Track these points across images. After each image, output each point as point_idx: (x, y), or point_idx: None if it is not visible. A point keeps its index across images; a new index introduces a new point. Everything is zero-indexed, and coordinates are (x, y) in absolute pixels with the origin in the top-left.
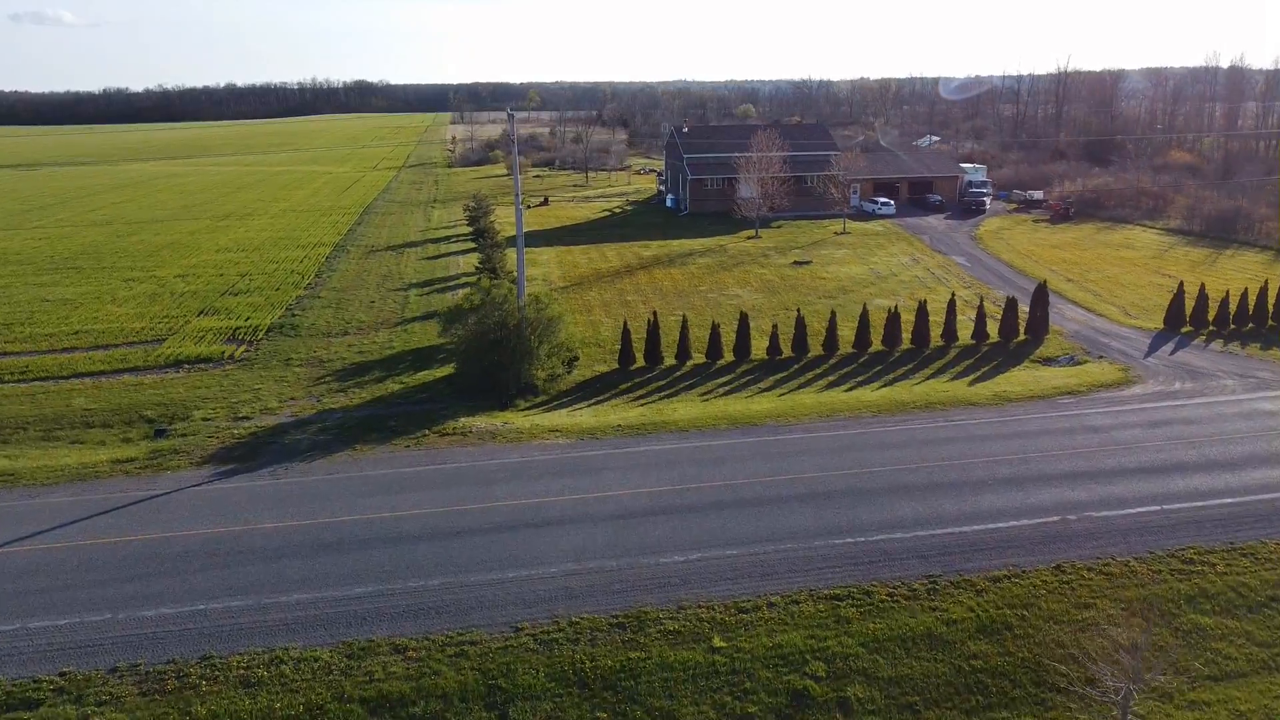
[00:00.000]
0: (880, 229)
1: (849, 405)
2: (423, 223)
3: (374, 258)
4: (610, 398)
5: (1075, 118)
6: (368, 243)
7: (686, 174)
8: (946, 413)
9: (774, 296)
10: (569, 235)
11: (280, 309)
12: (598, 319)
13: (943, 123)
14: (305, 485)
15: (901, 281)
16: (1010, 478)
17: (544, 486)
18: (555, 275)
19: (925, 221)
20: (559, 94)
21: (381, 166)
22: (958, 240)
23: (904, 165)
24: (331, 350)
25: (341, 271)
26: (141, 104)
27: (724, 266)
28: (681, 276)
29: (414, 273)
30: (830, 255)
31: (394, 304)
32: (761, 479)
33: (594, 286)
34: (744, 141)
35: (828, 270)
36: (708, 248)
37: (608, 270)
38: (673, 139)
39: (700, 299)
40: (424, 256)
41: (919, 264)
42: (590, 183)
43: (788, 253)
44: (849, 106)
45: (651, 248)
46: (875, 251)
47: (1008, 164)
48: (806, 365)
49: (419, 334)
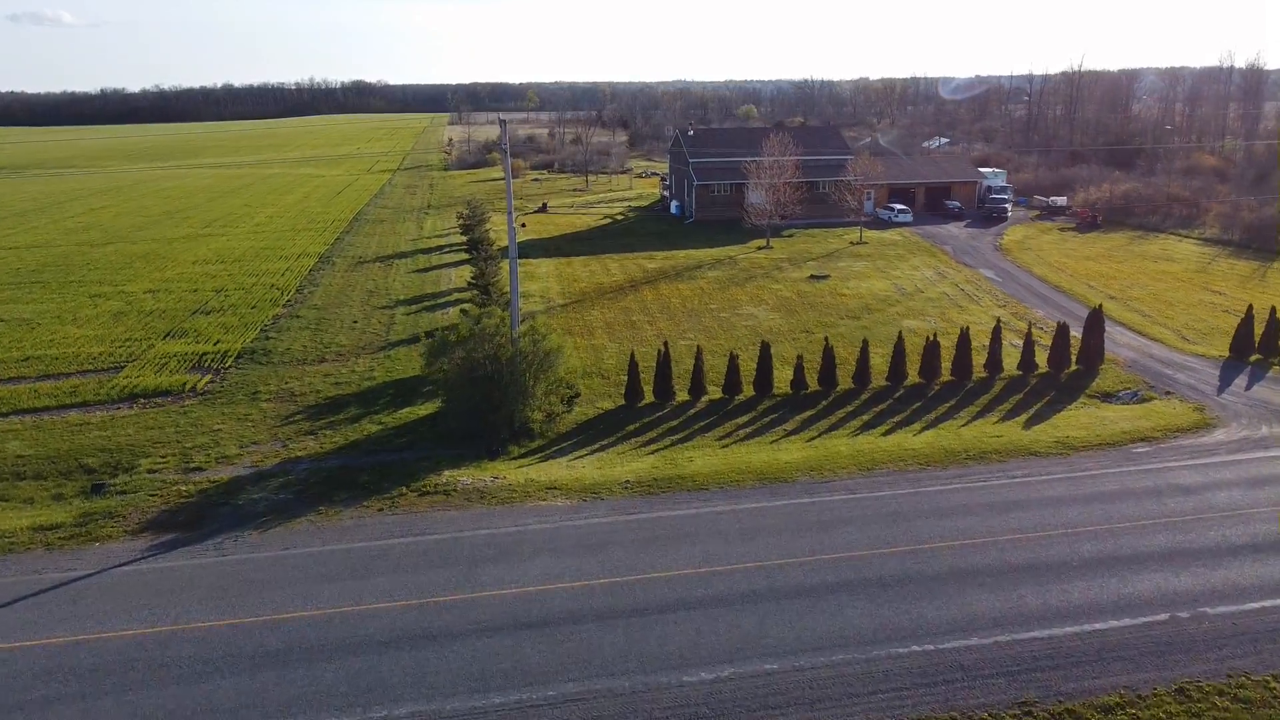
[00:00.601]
0: (899, 238)
1: (891, 455)
2: (415, 231)
3: (361, 270)
4: (616, 442)
5: (1088, 119)
6: (356, 253)
7: (692, 179)
8: (1005, 465)
9: (792, 316)
10: (569, 245)
11: (254, 331)
12: (600, 344)
13: (949, 124)
14: (254, 565)
15: (929, 299)
16: (1098, 557)
17: (539, 569)
18: (554, 291)
19: (945, 230)
20: (558, 94)
21: (376, 169)
22: (982, 251)
23: (920, 170)
24: (305, 381)
25: (325, 287)
26: (138, 104)
27: (735, 281)
28: (690, 292)
29: (402, 288)
30: (849, 268)
31: (378, 325)
32: (801, 560)
33: (596, 304)
34: (753, 145)
35: (848, 286)
36: (716, 259)
37: (611, 285)
38: (677, 142)
39: (712, 319)
40: (414, 269)
41: (945, 279)
42: (590, 187)
43: (803, 265)
44: (852, 107)
45: (657, 259)
46: (896, 264)
47: (1024, 168)
48: (836, 401)
49: (403, 361)
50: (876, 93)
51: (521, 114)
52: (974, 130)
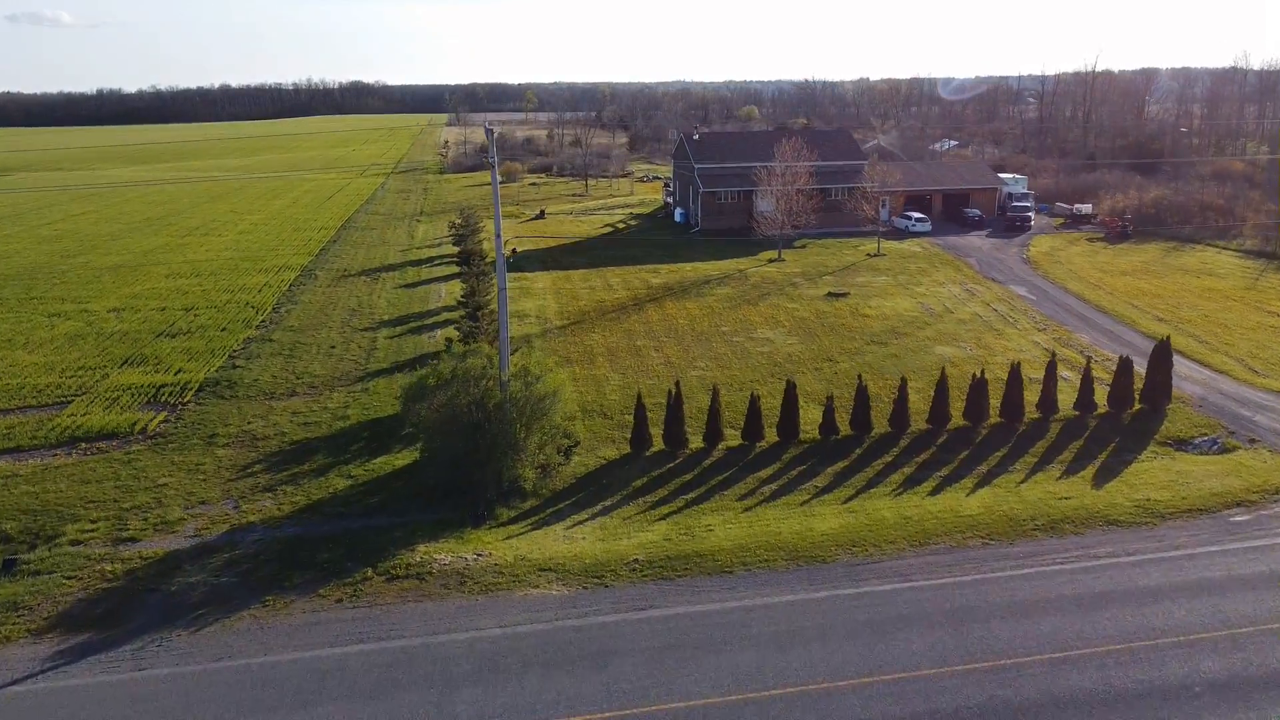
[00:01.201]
0: (918, 249)
1: (945, 524)
2: (405, 240)
3: (345, 285)
4: (622, 502)
5: (1102, 122)
6: (340, 265)
7: (698, 186)
8: (1083, 539)
9: (812, 341)
10: (567, 256)
11: (221, 358)
12: (602, 374)
13: (955, 126)
14: (176, 688)
15: (960, 321)
16: (1223, 679)
17: (529, 694)
18: (552, 310)
19: (966, 241)
20: (557, 94)
21: (369, 173)
22: (1009, 264)
23: (937, 176)
24: (271, 421)
25: (304, 304)
26: (135, 105)
27: (747, 299)
28: (699, 312)
29: (387, 306)
30: (869, 284)
31: (358, 350)
32: (853, 683)
33: (597, 325)
34: (761, 149)
35: (870, 305)
36: (725, 273)
37: (613, 303)
38: (682, 146)
39: (724, 344)
40: (401, 284)
41: (975, 296)
42: (590, 191)
43: (818, 281)
44: (856, 108)
45: (661, 273)
46: (919, 279)
47: (1040, 172)
48: (871, 449)
49: (382, 396)
50: (881, 94)
51: (520, 115)
52: (982, 133)
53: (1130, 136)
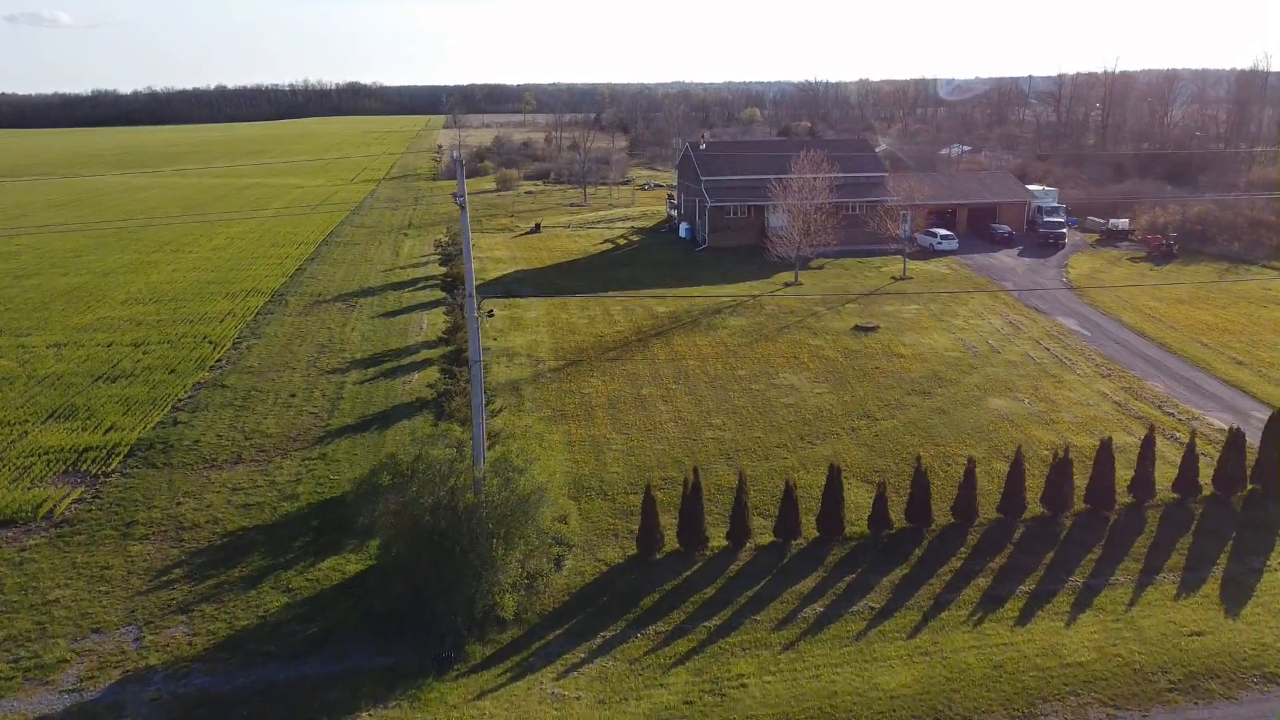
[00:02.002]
0: (947, 271)
1: (1049, 676)
2: (389, 258)
3: (317, 314)
4: (627, 631)
5: (1122, 125)
6: (316, 289)
7: (705, 200)
8: (1237, 705)
9: (844, 389)
10: (564, 278)
11: (163, 409)
12: (602, 434)
13: (964, 129)
14: None
15: (1010, 363)
16: None
17: None
18: (545, 347)
19: (998, 261)
20: (556, 96)
21: (359, 179)
22: (1051, 289)
23: (962, 188)
24: (205, 500)
25: (269, 339)
26: (130, 107)
27: (765, 333)
28: (711, 350)
29: (361, 341)
30: (898, 315)
31: (321, 400)
32: None
33: (597, 367)
34: (772, 160)
35: (904, 342)
36: (738, 299)
37: (614, 338)
38: (687, 157)
39: (742, 393)
40: (380, 312)
41: (1020, 331)
42: (589, 201)
43: (842, 310)
44: (860, 110)
45: (667, 299)
46: (954, 308)
47: (1063, 181)
48: (934, 548)
49: (342, 464)
50: (887, 95)
51: (519, 116)
52: (994, 136)
53: (1156, 142)
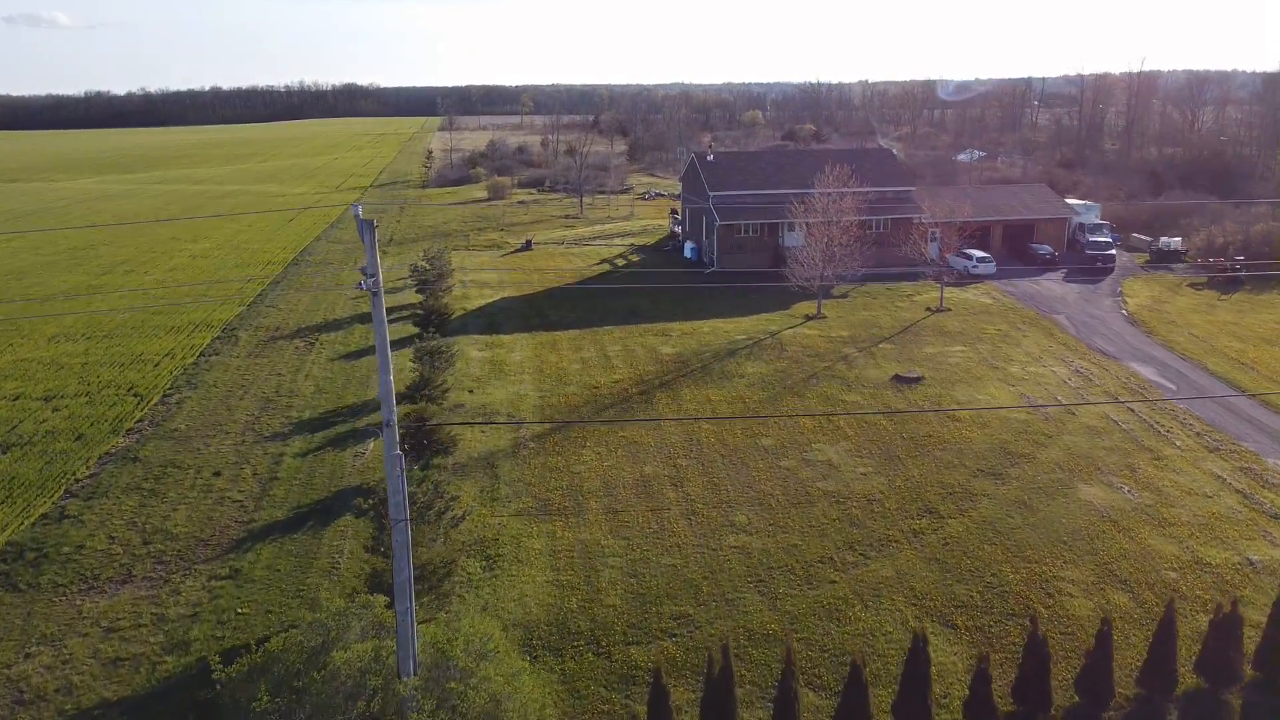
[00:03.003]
0: (988, 301)
1: None
2: None
3: (270, 354)
4: None
5: (1148, 130)
6: (274, 320)
7: (713, 218)
8: None
9: (893, 469)
10: (555, 307)
11: (54, 494)
12: (597, 541)
13: (976, 132)
14: None
15: (1091, 429)
16: None
17: None
18: (529, 400)
19: (1043, 288)
20: (554, 97)
21: (345, 186)
22: (1111, 325)
23: (996, 203)
24: (64, 653)
25: (206, 389)
26: (124, 108)
27: (788, 384)
28: (727, 408)
29: (314, 392)
30: (943, 359)
31: (251, 480)
32: None
33: (590, 433)
34: (788, 173)
35: (956, 396)
36: (753, 336)
37: (611, 390)
38: (692, 169)
39: (768, 472)
40: (343, 352)
41: (1090, 382)
42: (585, 212)
43: (875, 352)
44: (865, 112)
45: (673, 336)
46: (1006, 350)
47: (1093, 191)
48: None
49: (257, 588)
50: (894, 97)
51: (516, 118)
52: (1008, 141)
53: (1186, 148)
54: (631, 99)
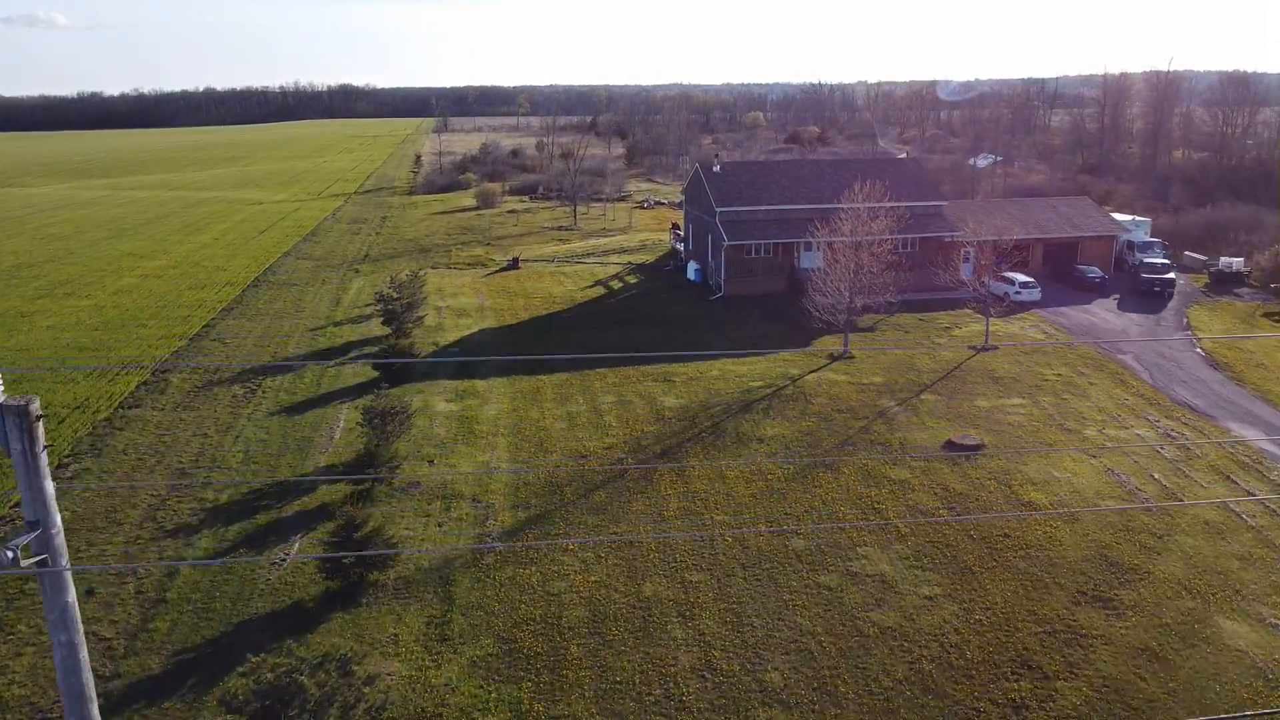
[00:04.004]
0: (1039, 335)
1: None
2: (327, 307)
3: (201, 405)
4: None
5: (1169, 133)
6: (217, 357)
7: (720, 237)
8: None
9: (967, 590)
10: (541, 341)
11: None
12: (578, 714)
13: (983, 135)
14: None
15: (1210, 527)
16: None
17: None
18: (501, 482)
19: (1097, 318)
20: (552, 98)
21: (328, 193)
22: (1188, 367)
23: (1036, 219)
24: None
25: (114, 454)
26: (116, 109)
27: (817, 451)
28: (745, 491)
29: (242, 459)
30: (1001, 417)
31: (131, 605)
32: None
33: (575, 526)
34: (805, 184)
35: (1029, 476)
36: (771, 383)
37: (603, 459)
38: (697, 181)
39: (805, 597)
40: (287, 402)
41: (1189, 453)
42: (579, 222)
43: (917, 405)
44: (871, 113)
45: (676, 383)
46: (1073, 403)
47: (1129, 202)
48: None
49: None
50: (901, 99)
51: (512, 119)
52: (1024, 145)
53: (1230, 153)
54: (630, 100)
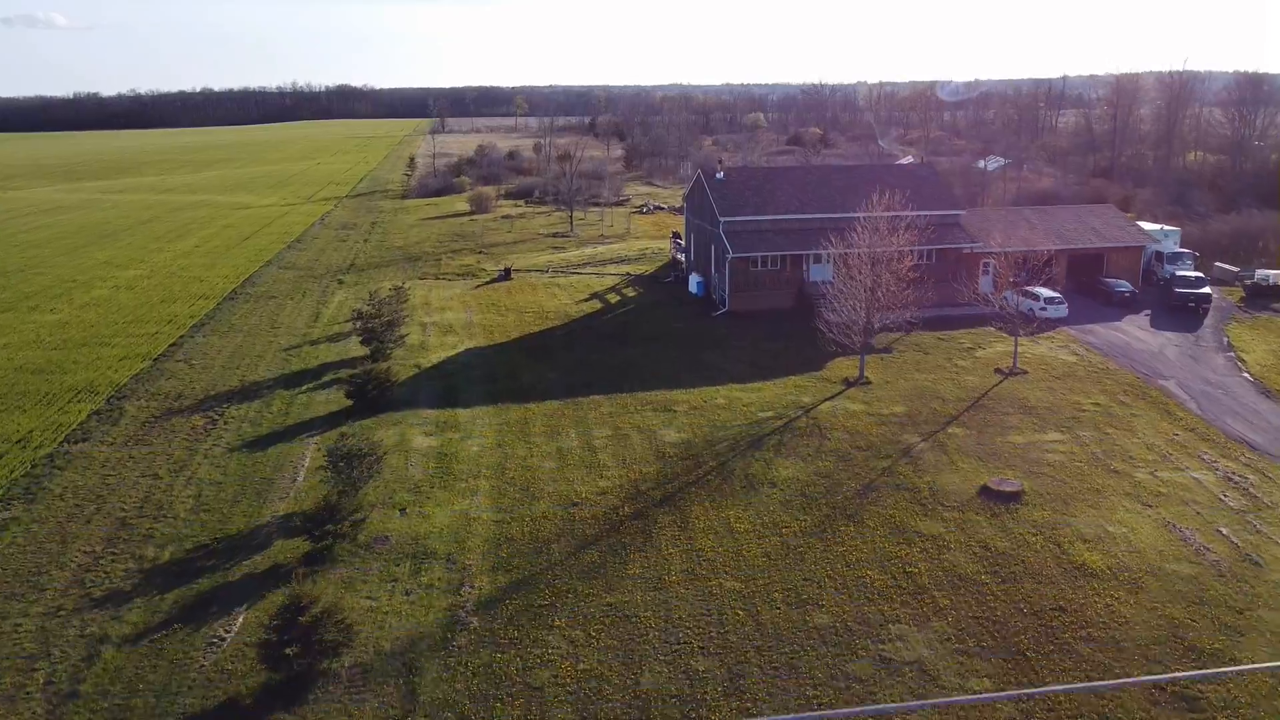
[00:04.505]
0: (1070, 358)
1: None
2: (304, 323)
3: (155, 438)
4: None
5: (1184, 135)
6: (178, 384)
7: (724, 248)
8: None
9: (1017, 675)
10: (531, 363)
11: None
12: None
13: (989, 136)
14: None
15: None
16: None
17: None
18: (481, 538)
19: (1130, 336)
20: (550, 98)
21: (318, 197)
22: (1238, 395)
23: (1060, 228)
24: None
25: (50, 499)
26: (113, 110)
27: (837, 499)
28: (756, 548)
29: (192, 506)
30: (1039, 456)
31: (36, 701)
32: None
33: (561, 597)
34: (814, 194)
35: (1081, 532)
36: (782, 413)
37: (594, 508)
38: (699, 188)
39: (831, 690)
40: (250, 435)
41: (1258, 502)
42: (576, 229)
43: (944, 441)
44: (873, 114)
45: (678, 413)
46: (1117, 439)
47: (1156, 206)
48: None
49: None
50: (905, 100)
51: (510, 120)
52: (1032, 147)
53: (1256, 159)
54: (629, 100)
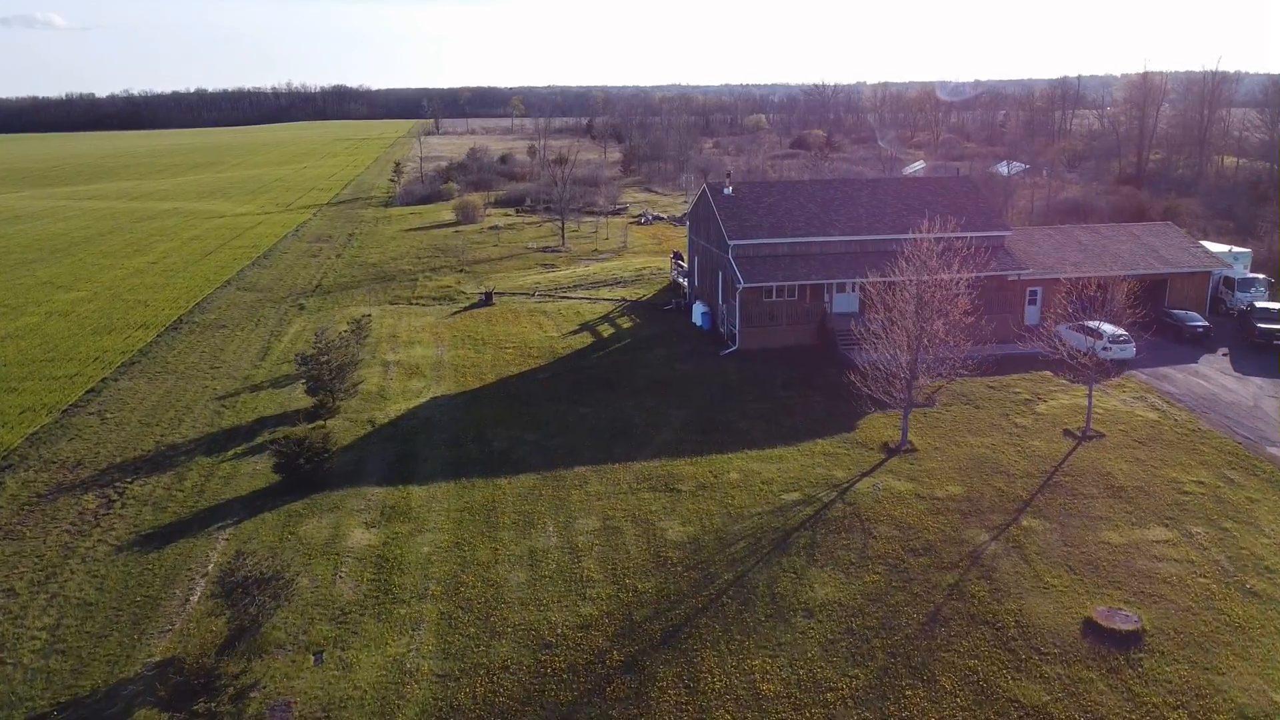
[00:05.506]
0: (1151, 415)
1: None
2: (251, 360)
3: (28, 528)
4: None
5: (1215, 140)
6: (80, 447)
7: (734, 276)
8: None
9: None
10: (505, 418)
11: None
12: None
13: (1000, 139)
14: None
15: None
16: None
17: None
18: (420, 696)
19: (1212, 383)
20: (548, 99)
21: (297, 205)
22: None
23: (1111, 250)
24: None
25: None
26: (106, 111)
27: (896, 639)
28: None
29: (45, 643)
30: (1147, 566)
31: None
32: None
33: None
34: (838, 212)
35: (1231, 695)
36: (810, 496)
37: (575, 650)
38: (704, 204)
39: None
40: (152, 524)
41: None
42: (568, 242)
43: (1019, 539)
44: (877, 115)
45: (683, 494)
46: (1244, 539)
47: (1208, 220)
48: None
49: None
50: (911, 101)
51: (506, 121)
52: (1050, 151)
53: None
54: (627, 101)
